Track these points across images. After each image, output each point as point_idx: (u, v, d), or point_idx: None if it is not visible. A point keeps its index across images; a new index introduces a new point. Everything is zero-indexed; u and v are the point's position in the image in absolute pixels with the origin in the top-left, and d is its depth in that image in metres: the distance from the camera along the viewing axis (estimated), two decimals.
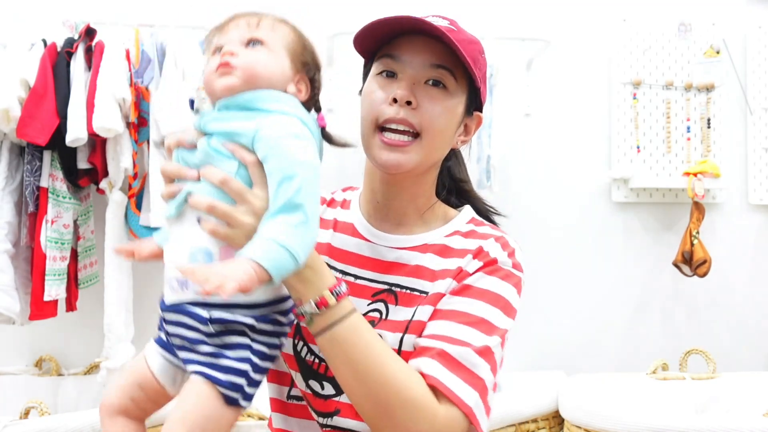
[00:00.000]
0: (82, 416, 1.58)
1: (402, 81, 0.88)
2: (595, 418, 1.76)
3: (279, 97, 0.81)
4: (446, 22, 0.92)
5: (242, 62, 0.79)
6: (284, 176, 0.73)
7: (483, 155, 2.18)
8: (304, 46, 0.87)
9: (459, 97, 0.91)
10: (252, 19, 0.83)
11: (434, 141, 0.89)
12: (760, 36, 2.54)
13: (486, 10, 2.44)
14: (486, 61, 0.96)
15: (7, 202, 1.95)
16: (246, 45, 0.81)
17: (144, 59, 2.02)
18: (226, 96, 0.80)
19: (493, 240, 0.93)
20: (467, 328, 0.84)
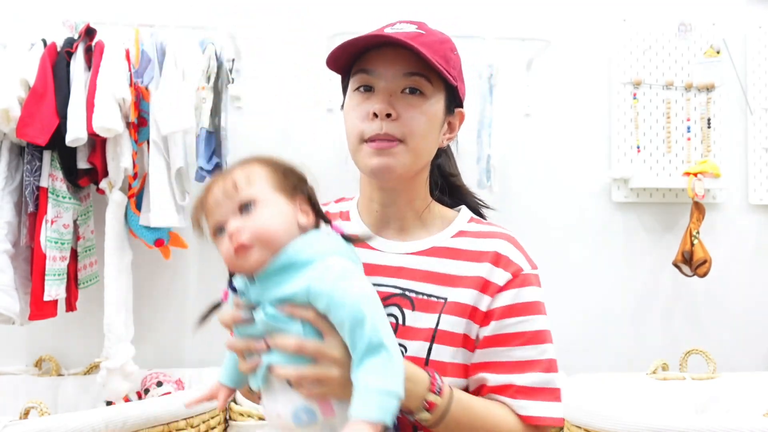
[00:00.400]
0: (82, 416, 1.57)
1: (379, 94, 0.90)
2: (595, 418, 1.75)
3: (305, 243, 0.82)
4: (414, 27, 0.93)
5: (252, 234, 0.80)
6: (354, 322, 0.75)
7: (483, 155, 2.18)
8: (282, 170, 0.87)
9: (437, 99, 0.93)
10: (226, 185, 0.83)
11: (419, 146, 0.91)
12: (760, 36, 2.54)
13: (486, 10, 2.44)
14: (459, 57, 0.97)
15: (7, 202, 1.95)
16: (240, 212, 0.82)
17: (144, 59, 2.02)
18: (259, 269, 0.81)
19: (504, 242, 0.96)
20: (528, 348, 0.91)
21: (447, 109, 0.95)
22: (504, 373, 0.90)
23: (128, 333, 2.08)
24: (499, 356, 0.91)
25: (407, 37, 0.88)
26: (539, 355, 0.92)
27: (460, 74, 0.97)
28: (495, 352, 0.91)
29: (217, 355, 0.99)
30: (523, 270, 0.93)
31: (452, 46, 0.95)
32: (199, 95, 2.08)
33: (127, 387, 2.01)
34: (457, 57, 0.96)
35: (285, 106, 2.36)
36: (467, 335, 0.91)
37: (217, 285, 2.38)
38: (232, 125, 2.26)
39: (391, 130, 0.89)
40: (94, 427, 1.57)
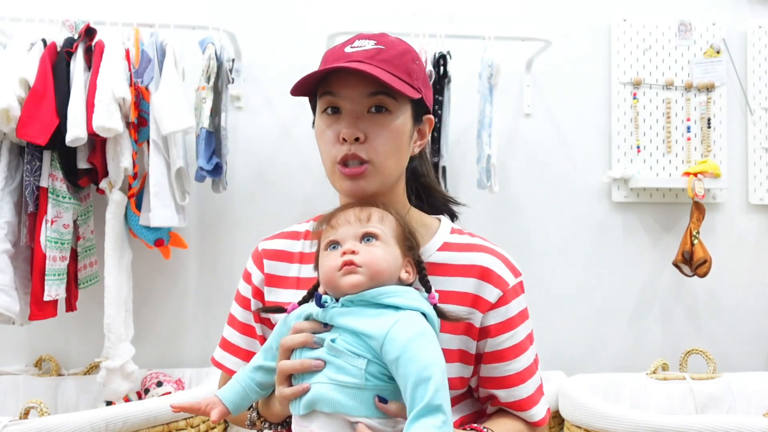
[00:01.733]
0: (82, 416, 1.58)
1: (345, 117, 0.92)
2: (595, 418, 1.76)
3: (400, 291, 0.86)
4: (373, 42, 0.94)
5: (365, 260, 0.85)
6: (419, 379, 0.77)
7: (483, 155, 2.18)
8: (406, 230, 0.93)
9: (404, 113, 0.94)
10: (362, 214, 0.90)
11: (388, 164, 0.94)
12: (760, 36, 2.54)
13: (486, 10, 2.44)
14: (422, 65, 0.98)
15: (7, 202, 1.95)
16: (361, 240, 0.88)
17: (144, 59, 2.02)
18: (353, 293, 0.85)
19: (489, 256, 0.98)
20: (521, 358, 0.97)
21: (414, 120, 0.97)
22: (508, 387, 0.97)
23: (128, 333, 2.08)
24: (499, 372, 0.96)
25: (366, 56, 0.90)
26: (529, 361, 0.99)
27: (425, 82, 0.98)
28: (495, 368, 0.96)
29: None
30: (509, 284, 0.97)
31: (414, 55, 0.96)
32: (199, 95, 2.08)
33: (127, 387, 2.01)
34: (420, 66, 0.97)
35: (285, 106, 2.36)
36: (464, 350, 0.95)
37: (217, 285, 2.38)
38: (232, 125, 2.26)
39: (359, 152, 0.92)
40: (94, 426, 1.57)
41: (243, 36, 2.27)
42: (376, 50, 0.92)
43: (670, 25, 2.50)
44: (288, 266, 1.04)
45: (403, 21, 2.34)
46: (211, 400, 0.91)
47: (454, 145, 2.32)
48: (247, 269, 1.08)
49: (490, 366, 0.96)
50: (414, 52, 0.96)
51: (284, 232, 1.08)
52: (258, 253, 1.07)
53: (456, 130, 2.32)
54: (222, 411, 0.90)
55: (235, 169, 2.32)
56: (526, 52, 2.39)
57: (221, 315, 2.55)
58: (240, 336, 1.08)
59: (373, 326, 0.81)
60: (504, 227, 2.42)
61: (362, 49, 0.92)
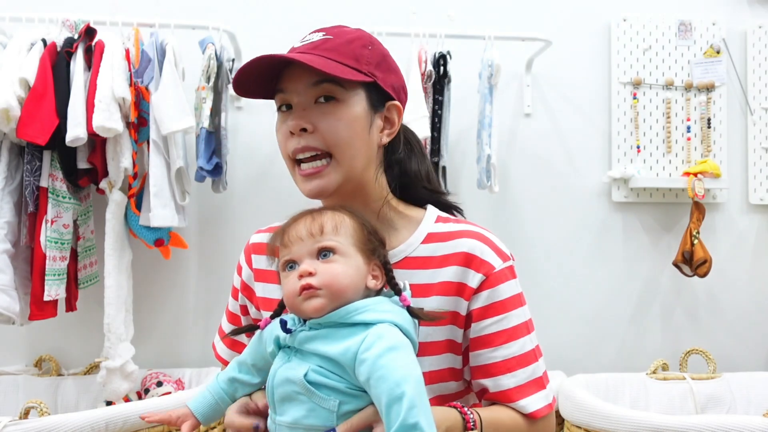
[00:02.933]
0: (82, 416, 1.58)
1: (294, 110, 0.91)
2: (595, 418, 1.76)
3: (369, 305, 0.81)
4: (321, 34, 0.92)
5: (324, 281, 0.80)
6: (391, 398, 0.74)
7: (483, 155, 2.18)
8: (366, 230, 0.87)
9: (357, 101, 0.91)
10: (313, 226, 0.84)
11: (346, 153, 0.91)
12: (760, 36, 2.54)
13: (486, 10, 2.44)
14: (377, 50, 0.94)
15: (7, 202, 1.95)
16: (317, 256, 0.83)
17: (144, 59, 2.02)
18: (318, 317, 0.81)
19: (472, 241, 0.94)
20: (509, 345, 0.92)
21: (373, 107, 0.93)
22: (495, 375, 0.92)
23: (128, 333, 2.08)
24: (485, 359, 0.93)
25: (311, 47, 0.89)
26: (520, 350, 0.93)
27: (383, 66, 0.94)
28: (480, 355, 0.93)
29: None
30: (495, 268, 0.93)
31: (365, 41, 0.93)
32: (199, 95, 2.08)
33: (127, 387, 2.01)
34: (374, 50, 0.94)
35: None
36: (452, 340, 0.93)
37: (217, 285, 2.38)
38: (232, 125, 2.26)
39: (310, 143, 0.90)
40: (94, 426, 1.57)
41: (243, 36, 2.27)
42: (322, 40, 0.91)
43: (670, 25, 2.50)
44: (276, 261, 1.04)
45: (403, 21, 2.34)
46: (183, 411, 0.90)
47: (454, 145, 2.32)
48: (239, 262, 1.11)
49: (475, 353, 0.93)
50: (366, 38, 0.94)
51: (273, 227, 1.08)
52: (248, 246, 1.09)
53: (456, 130, 2.32)
54: (193, 424, 0.89)
55: (235, 169, 2.32)
56: (526, 52, 2.39)
57: (221, 315, 2.55)
58: (228, 324, 1.13)
59: (342, 349, 0.78)
60: (504, 227, 2.41)
61: (309, 42, 0.91)
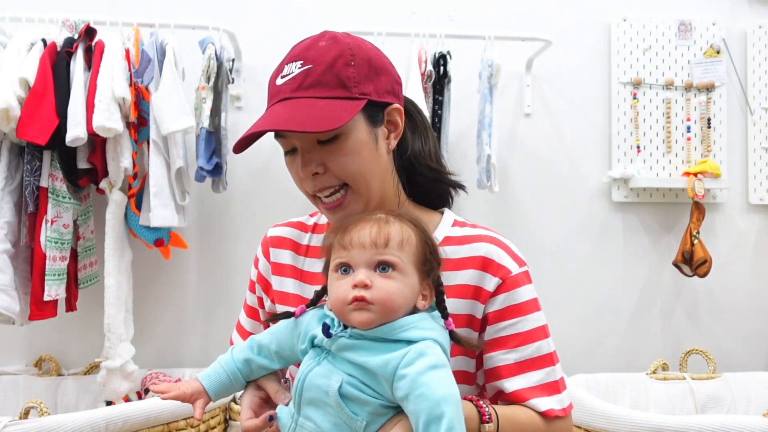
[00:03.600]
0: (82, 416, 1.58)
1: (299, 155, 0.91)
2: (595, 418, 1.75)
3: (414, 322, 0.80)
4: (299, 63, 0.89)
5: (379, 297, 0.78)
6: (430, 418, 0.73)
7: (483, 155, 2.18)
8: (427, 247, 0.85)
9: (356, 128, 0.89)
10: (379, 236, 0.81)
11: (361, 182, 0.91)
12: (760, 36, 2.54)
13: (486, 10, 2.44)
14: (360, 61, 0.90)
15: (7, 202, 1.95)
16: (375, 267, 0.80)
17: (144, 59, 2.02)
18: (363, 329, 0.79)
19: (489, 245, 0.95)
20: (524, 348, 0.93)
21: (373, 125, 0.92)
22: (508, 377, 0.92)
23: (128, 333, 2.08)
24: (498, 361, 0.93)
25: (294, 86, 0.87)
26: (535, 353, 0.94)
27: (371, 75, 0.90)
28: (494, 357, 0.93)
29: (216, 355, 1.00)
30: (511, 272, 0.94)
31: (346, 57, 0.88)
32: (199, 95, 2.08)
33: (127, 387, 2.01)
34: (357, 64, 0.89)
35: None
36: None
37: (217, 285, 2.37)
38: (232, 125, 2.26)
39: (324, 183, 0.91)
40: (94, 426, 1.57)
41: (243, 36, 2.27)
42: (304, 74, 0.87)
43: (670, 25, 2.50)
44: (294, 256, 1.05)
45: (403, 21, 2.34)
46: (196, 388, 0.89)
47: (454, 145, 2.32)
48: (257, 255, 1.11)
49: (489, 355, 0.94)
50: (346, 53, 0.89)
51: (293, 222, 1.10)
52: (266, 239, 1.10)
53: (456, 130, 2.31)
54: (206, 401, 0.89)
55: (235, 169, 2.32)
56: (526, 52, 2.39)
57: (221, 315, 2.56)
58: (246, 319, 1.12)
59: (382, 363, 0.77)
60: (504, 227, 2.41)
61: (290, 77, 0.88)
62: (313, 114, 0.85)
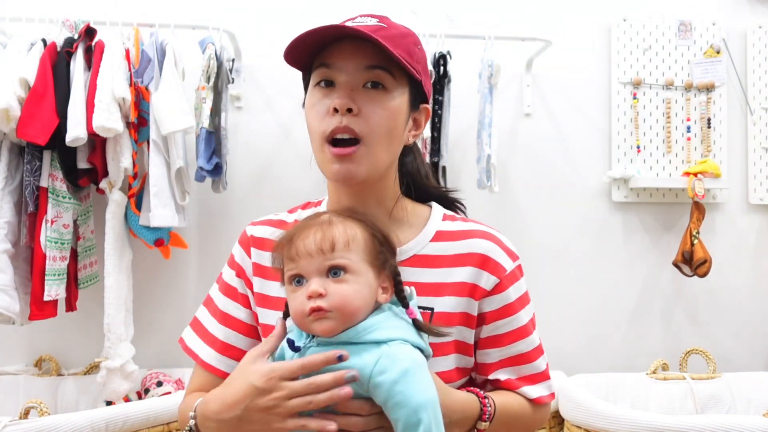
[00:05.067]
0: (82, 416, 1.58)
1: (340, 89, 0.87)
2: (595, 418, 1.76)
3: (379, 323, 0.79)
4: (375, 20, 0.91)
5: (335, 303, 0.77)
6: (407, 424, 0.74)
7: (483, 155, 2.18)
8: (380, 240, 0.83)
9: (401, 95, 0.90)
10: (324, 242, 0.79)
11: (381, 144, 0.88)
12: (760, 36, 2.54)
13: (486, 10, 2.44)
14: (423, 52, 0.95)
15: (7, 202, 1.95)
16: (327, 273, 0.79)
17: (144, 59, 2.02)
18: (327, 336, 0.79)
19: (486, 242, 0.95)
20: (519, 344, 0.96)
21: (411, 105, 0.93)
22: (501, 369, 0.96)
23: (128, 333, 2.08)
24: (494, 358, 0.96)
25: (369, 30, 0.86)
26: (528, 348, 0.97)
27: (425, 69, 0.94)
28: (489, 354, 0.96)
29: None
30: (506, 270, 0.95)
31: (415, 39, 0.93)
32: (199, 95, 2.08)
33: (127, 387, 2.01)
34: (421, 51, 0.94)
35: (285, 105, 2.36)
36: (460, 341, 0.93)
37: None
38: (232, 125, 2.26)
39: (351, 124, 0.86)
40: (94, 426, 1.57)
41: (243, 36, 2.27)
42: (378, 27, 0.88)
43: (670, 25, 2.50)
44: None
45: (403, 21, 2.33)
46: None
47: (454, 145, 2.32)
48: (233, 253, 1.03)
49: (484, 352, 0.95)
50: (416, 37, 0.94)
51: (272, 220, 1.03)
52: (246, 238, 1.02)
53: (456, 130, 2.31)
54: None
55: (235, 169, 2.32)
56: (526, 52, 2.38)
57: None
58: (219, 326, 1.01)
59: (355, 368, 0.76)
60: (504, 227, 2.38)
61: (363, 24, 0.89)
62: (385, 42, 0.84)
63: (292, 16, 2.38)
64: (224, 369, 0.98)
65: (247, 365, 0.82)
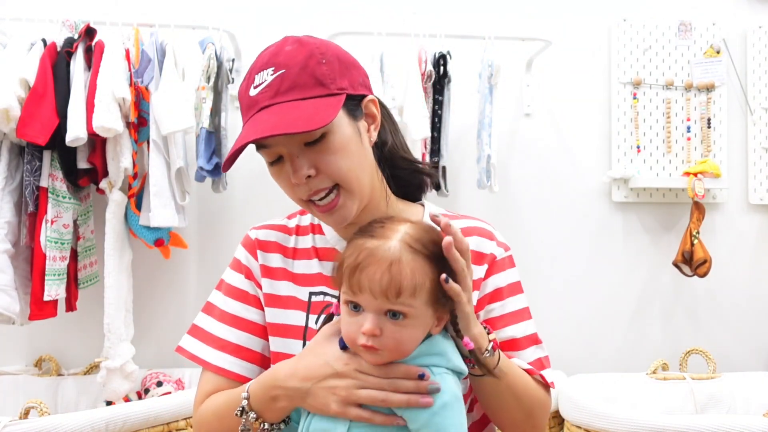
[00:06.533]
0: (82, 416, 1.57)
1: (288, 162, 0.89)
2: (595, 418, 1.75)
3: (432, 352, 0.81)
4: (270, 70, 0.87)
5: (388, 345, 0.78)
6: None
7: (483, 155, 2.18)
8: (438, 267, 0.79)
9: (341, 125, 0.88)
10: (391, 286, 0.76)
11: (353, 179, 0.89)
12: (760, 36, 2.54)
13: (486, 10, 2.44)
14: (331, 57, 0.89)
15: (7, 202, 1.95)
16: (386, 313, 0.77)
17: (144, 59, 2.02)
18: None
19: (474, 237, 0.98)
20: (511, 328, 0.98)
21: (354, 118, 0.91)
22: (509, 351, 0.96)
23: (128, 333, 2.08)
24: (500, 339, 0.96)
25: (270, 94, 0.85)
26: (522, 333, 0.99)
27: (343, 71, 0.89)
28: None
29: None
30: (497, 257, 0.99)
31: (317, 57, 0.87)
32: (199, 95, 2.08)
33: (127, 387, 2.01)
34: (329, 61, 0.88)
35: None
36: None
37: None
38: (232, 125, 2.26)
39: (318, 185, 0.88)
40: (94, 426, 1.57)
41: (243, 36, 2.27)
42: (278, 79, 0.86)
43: (670, 25, 2.50)
44: (282, 258, 1.02)
45: (403, 21, 2.34)
46: None
47: (454, 145, 2.32)
48: (237, 258, 1.04)
49: None
50: (316, 52, 0.88)
51: (274, 225, 1.06)
52: (251, 241, 1.04)
53: (456, 130, 2.31)
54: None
55: (235, 169, 2.29)
56: (526, 52, 2.38)
57: None
58: (230, 329, 1.01)
59: None
60: (504, 227, 2.39)
61: (265, 85, 0.86)
62: (300, 115, 0.83)
63: (292, 16, 2.38)
64: (239, 371, 0.99)
65: (322, 344, 0.85)
